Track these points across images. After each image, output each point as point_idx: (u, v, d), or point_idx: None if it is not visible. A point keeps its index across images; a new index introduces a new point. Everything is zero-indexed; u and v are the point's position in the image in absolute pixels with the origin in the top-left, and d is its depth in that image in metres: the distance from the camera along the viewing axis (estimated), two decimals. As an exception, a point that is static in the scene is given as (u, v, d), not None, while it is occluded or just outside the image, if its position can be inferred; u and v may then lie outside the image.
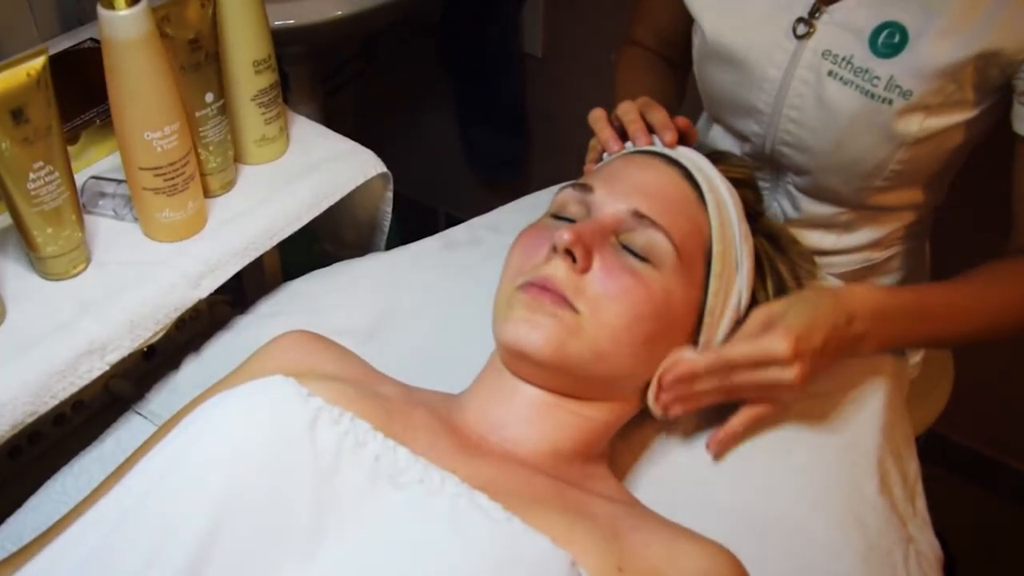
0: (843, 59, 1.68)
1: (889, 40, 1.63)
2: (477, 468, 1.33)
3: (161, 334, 1.67)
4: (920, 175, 1.78)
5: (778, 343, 1.43)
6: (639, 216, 1.44)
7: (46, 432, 1.80)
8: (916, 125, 1.66)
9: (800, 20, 1.72)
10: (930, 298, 1.64)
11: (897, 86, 1.64)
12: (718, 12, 1.81)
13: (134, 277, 1.67)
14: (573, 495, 1.35)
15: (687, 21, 1.93)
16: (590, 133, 1.71)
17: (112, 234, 1.74)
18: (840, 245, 1.93)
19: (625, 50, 2.17)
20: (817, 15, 1.70)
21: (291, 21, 2.52)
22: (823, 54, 1.70)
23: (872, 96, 1.66)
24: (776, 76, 1.76)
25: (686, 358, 1.46)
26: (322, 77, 3.12)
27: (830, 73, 1.70)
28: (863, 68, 1.66)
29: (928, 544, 1.62)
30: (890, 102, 1.65)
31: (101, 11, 1.50)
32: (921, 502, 1.68)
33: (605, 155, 1.68)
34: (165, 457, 1.28)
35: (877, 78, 1.65)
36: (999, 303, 1.68)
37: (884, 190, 1.78)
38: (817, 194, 1.86)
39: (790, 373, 1.44)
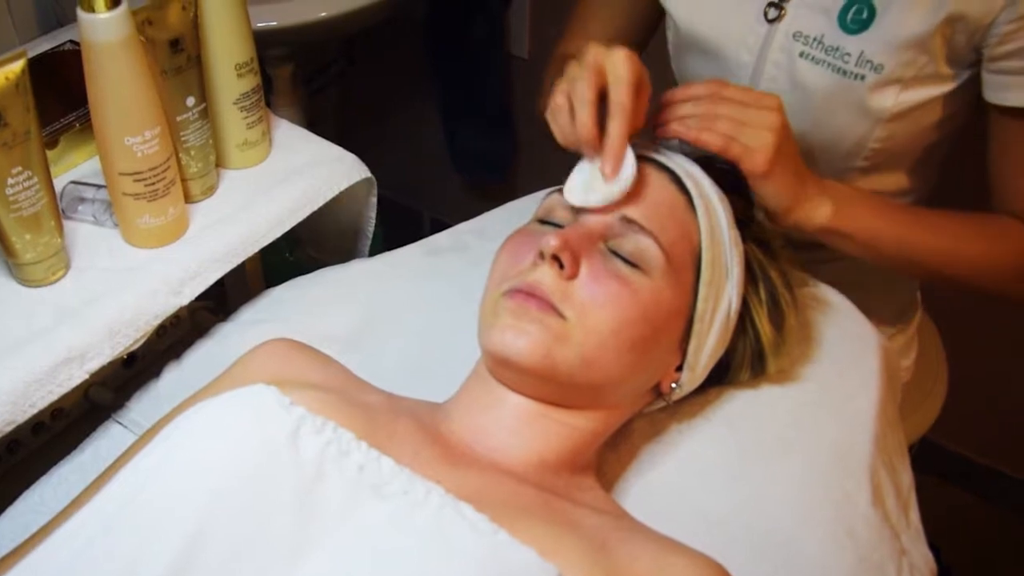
0: (814, 39, 1.72)
1: (857, 16, 1.66)
2: (462, 478, 1.33)
3: (141, 341, 1.67)
4: (901, 155, 1.82)
5: (766, 94, 1.56)
6: (627, 221, 1.44)
7: (24, 441, 1.80)
8: (891, 99, 1.70)
9: (771, 4, 1.75)
10: (898, 202, 1.76)
11: (868, 61, 1.68)
12: (691, 2, 1.83)
13: (114, 284, 1.67)
14: (560, 506, 1.35)
15: (623, 32, 2.02)
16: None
17: (92, 240, 1.74)
18: None
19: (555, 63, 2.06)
20: None
21: (273, 23, 2.52)
22: (794, 35, 1.74)
23: (844, 73, 1.71)
24: (749, 61, 1.80)
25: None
26: (304, 79, 3.12)
27: (801, 54, 1.74)
28: (833, 46, 1.70)
29: (922, 557, 1.63)
30: (862, 78, 1.69)
31: (81, 14, 1.50)
32: (915, 513, 1.69)
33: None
34: (146, 467, 1.29)
35: (848, 55, 1.69)
36: (967, 234, 1.76)
37: (866, 172, 1.83)
38: None
39: (771, 117, 1.54)
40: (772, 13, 1.76)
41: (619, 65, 1.47)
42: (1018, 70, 1.62)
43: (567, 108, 1.51)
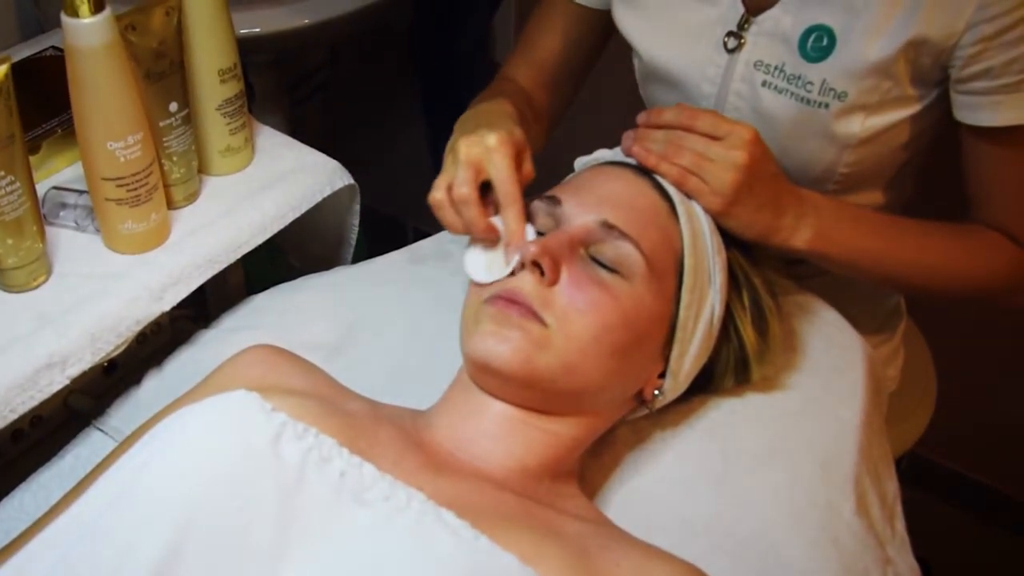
0: (775, 68, 1.73)
1: (817, 44, 1.68)
2: (444, 485, 1.34)
3: (123, 348, 1.69)
4: (873, 176, 1.83)
5: (741, 127, 1.55)
6: (608, 227, 1.46)
7: (3, 448, 1.80)
8: (857, 126, 1.71)
9: (730, 34, 1.76)
10: (882, 216, 1.74)
11: (831, 89, 1.69)
12: (650, 33, 1.86)
13: (95, 289, 1.68)
14: (542, 513, 1.36)
15: (570, 54, 2.03)
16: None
17: (73, 245, 1.76)
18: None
19: (492, 84, 2.09)
20: (746, 27, 1.75)
21: (257, 29, 2.53)
22: (755, 65, 1.75)
23: (807, 102, 1.72)
24: (712, 92, 1.81)
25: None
26: (288, 87, 3.13)
27: (764, 83, 1.75)
28: (795, 75, 1.71)
29: (907, 566, 1.64)
30: (826, 106, 1.70)
31: (65, 19, 1.52)
32: (900, 523, 1.70)
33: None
34: (126, 473, 1.30)
35: (810, 83, 1.70)
36: (953, 246, 1.76)
37: (839, 193, 1.84)
38: None
39: (737, 156, 1.54)
40: (731, 43, 1.77)
41: (495, 154, 1.52)
42: (986, 90, 1.63)
43: (447, 204, 1.54)
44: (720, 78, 1.80)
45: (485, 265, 1.50)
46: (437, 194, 1.55)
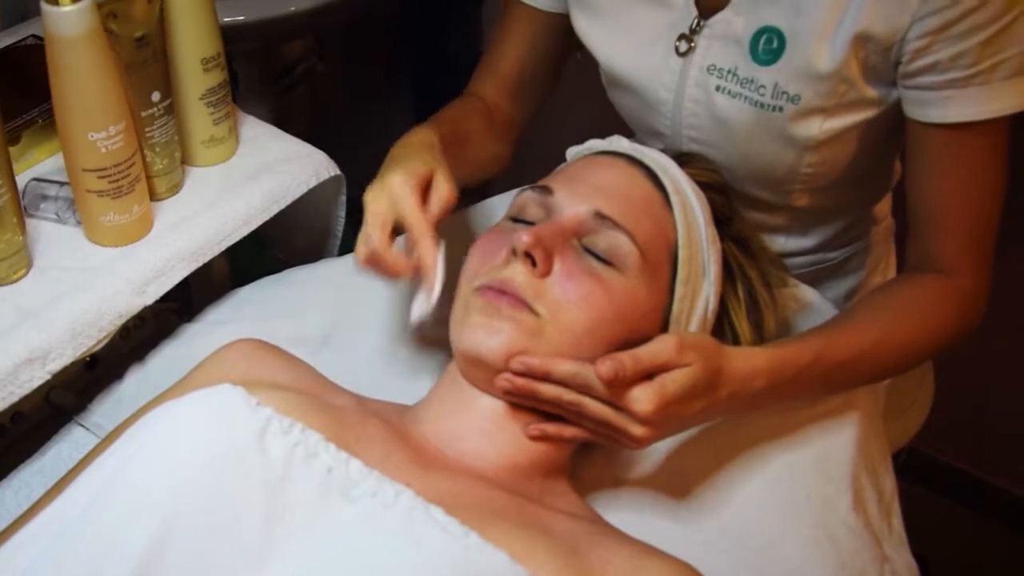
0: (728, 72, 1.71)
1: (768, 46, 1.66)
2: (433, 482, 1.34)
3: (104, 342, 1.68)
4: (841, 174, 1.80)
5: (644, 403, 1.35)
6: (601, 217, 1.46)
7: (-17, 445, 1.81)
8: (816, 128, 1.69)
9: (681, 36, 1.75)
10: (831, 350, 1.57)
11: (784, 92, 1.67)
12: (607, 39, 1.84)
13: (77, 283, 1.68)
14: (533, 510, 1.36)
15: (534, 61, 2.01)
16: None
17: (54, 238, 1.76)
18: (789, 247, 1.98)
19: (456, 101, 2.08)
20: (698, 30, 1.74)
21: (241, 17, 2.53)
22: (708, 69, 1.73)
23: (761, 106, 1.69)
24: (668, 98, 1.79)
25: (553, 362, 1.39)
26: (273, 77, 3.13)
27: (718, 88, 1.73)
28: (748, 78, 1.69)
29: (904, 563, 1.65)
30: (780, 109, 1.68)
31: (45, 7, 1.51)
32: (897, 520, 1.70)
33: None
34: (108, 469, 1.30)
35: (763, 86, 1.68)
36: (906, 336, 1.65)
37: (808, 192, 1.83)
38: (746, 203, 1.88)
39: (638, 430, 1.38)
40: (683, 46, 1.75)
41: (398, 196, 1.52)
42: (933, 85, 1.61)
43: (371, 259, 1.54)
44: (675, 84, 1.78)
45: (415, 304, 1.50)
46: (361, 250, 1.54)
